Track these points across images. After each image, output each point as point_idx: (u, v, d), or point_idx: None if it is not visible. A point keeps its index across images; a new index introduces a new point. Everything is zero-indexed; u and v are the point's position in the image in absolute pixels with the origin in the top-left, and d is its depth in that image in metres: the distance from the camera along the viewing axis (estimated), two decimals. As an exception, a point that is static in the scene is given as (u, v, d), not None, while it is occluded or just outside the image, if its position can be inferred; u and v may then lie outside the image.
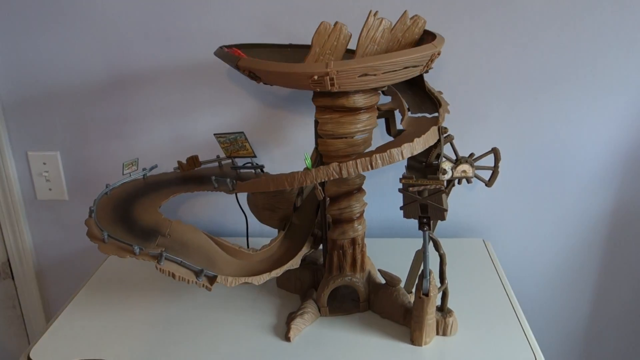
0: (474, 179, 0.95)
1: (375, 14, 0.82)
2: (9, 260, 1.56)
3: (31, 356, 1.02)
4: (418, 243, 1.03)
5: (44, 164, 1.46)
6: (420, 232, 0.96)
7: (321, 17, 1.26)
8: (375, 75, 0.83)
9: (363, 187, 1.05)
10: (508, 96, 1.31)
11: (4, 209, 1.49)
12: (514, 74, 1.29)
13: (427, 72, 0.95)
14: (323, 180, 0.90)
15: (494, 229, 1.45)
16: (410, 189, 0.92)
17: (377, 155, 0.86)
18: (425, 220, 0.94)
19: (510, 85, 1.30)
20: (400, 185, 0.94)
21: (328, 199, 1.04)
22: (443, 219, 0.93)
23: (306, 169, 0.92)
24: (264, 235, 1.32)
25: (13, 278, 1.58)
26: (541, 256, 1.47)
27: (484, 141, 1.35)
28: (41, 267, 1.59)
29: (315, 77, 0.82)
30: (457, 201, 1.40)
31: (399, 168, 0.90)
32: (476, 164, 0.94)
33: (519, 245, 1.46)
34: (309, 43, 1.16)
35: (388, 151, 0.86)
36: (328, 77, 0.82)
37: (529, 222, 1.44)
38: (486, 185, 0.96)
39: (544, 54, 1.26)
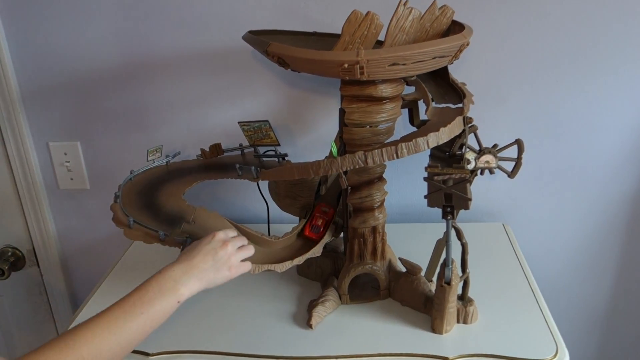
0: (496, 170, 0.95)
1: (405, 3, 0.82)
2: (34, 248, 1.58)
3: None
4: (436, 228, 1.03)
5: (65, 154, 1.47)
6: (439, 216, 0.97)
7: (345, 4, 1.25)
8: (404, 64, 0.83)
9: (383, 175, 1.05)
10: (528, 79, 1.30)
11: (28, 199, 1.51)
12: (534, 57, 1.27)
13: (451, 63, 0.95)
14: (348, 169, 0.91)
15: (514, 213, 1.44)
16: (435, 177, 0.92)
17: (403, 144, 0.86)
18: (449, 209, 0.95)
19: (531, 67, 1.28)
20: (424, 173, 0.94)
21: (349, 187, 1.05)
22: (467, 208, 0.93)
23: (331, 156, 0.93)
24: (284, 222, 1.33)
25: (38, 265, 1.60)
26: (561, 240, 1.47)
27: (504, 125, 1.35)
28: (65, 255, 1.61)
29: (346, 65, 0.82)
30: (478, 185, 1.39)
31: (420, 154, 0.90)
32: (499, 154, 0.94)
33: (539, 229, 1.45)
34: (333, 31, 1.17)
35: (414, 140, 0.86)
36: (358, 65, 0.82)
37: (549, 205, 1.43)
38: (509, 176, 0.95)
39: (564, 36, 1.25)
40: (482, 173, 0.95)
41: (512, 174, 0.95)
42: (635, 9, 1.21)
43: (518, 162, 0.95)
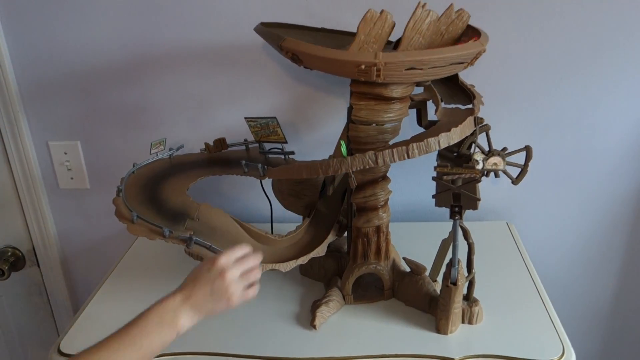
0: (500, 174, 0.94)
1: (423, 6, 0.82)
2: (34, 248, 1.56)
3: (61, 349, 1.02)
4: (441, 227, 1.03)
5: (65, 153, 1.46)
6: (444, 215, 0.96)
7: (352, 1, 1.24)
8: (421, 69, 0.83)
9: (387, 174, 1.05)
10: (532, 79, 1.30)
11: (27, 199, 1.50)
12: (539, 58, 1.27)
13: (465, 68, 0.94)
14: (358, 169, 0.90)
15: (518, 211, 1.44)
16: (445, 177, 0.92)
17: (414, 145, 0.86)
18: (456, 209, 0.95)
19: (535, 65, 1.28)
20: (430, 171, 0.94)
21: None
22: (476, 208, 0.93)
23: (339, 155, 0.92)
24: (287, 221, 1.31)
25: (39, 265, 1.59)
26: (565, 238, 1.46)
27: (508, 124, 1.34)
28: (66, 254, 1.59)
29: (363, 67, 0.82)
30: (481, 184, 1.36)
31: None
32: (507, 159, 0.94)
33: (543, 227, 1.45)
34: (338, 27, 1.16)
35: (425, 140, 0.86)
36: (375, 67, 0.82)
37: (553, 203, 1.43)
38: (513, 182, 0.94)
39: (568, 37, 1.25)
40: (487, 175, 0.95)
41: (516, 181, 0.95)
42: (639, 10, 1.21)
43: (524, 168, 0.95)
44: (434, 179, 0.94)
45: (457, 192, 0.93)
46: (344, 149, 0.93)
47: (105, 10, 1.30)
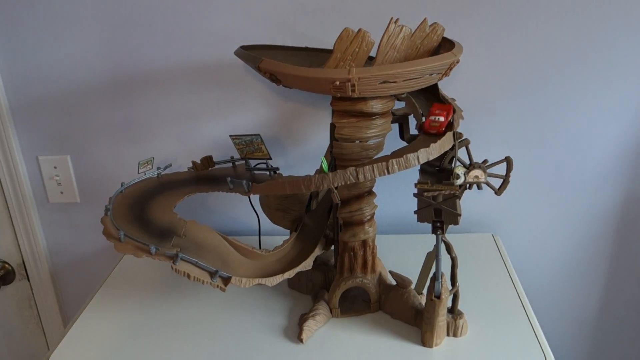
0: (483, 186, 0.95)
1: (396, 21, 0.83)
2: (23, 262, 1.56)
3: (51, 363, 1.02)
4: (427, 239, 1.03)
5: (55, 167, 1.46)
6: (429, 228, 0.97)
7: (335, 20, 1.26)
8: (395, 82, 0.84)
9: (373, 189, 1.06)
10: (516, 92, 1.30)
11: (17, 213, 1.50)
12: (522, 71, 1.28)
13: (441, 79, 0.96)
14: (339, 185, 0.91)
15: (504, 223, 1.44)
16: (425, 193, 0.93)
17: (394, 160, 0.87)
18: (438, 224, 0.95)
19: (519, 81, 1.29)
20: (415, 189, 0.94)
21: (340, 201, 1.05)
22: (456, 223, 0.93)
23: (322, 171, 0.93)
24: (275, 234, 1.32)
25: (28, 279, 1.59)
26: (551, 250, 1.47)
27: (493, 137, 1.35)
28: (55, 268, 1.60)
29: (337, 83, 0.83)
30: (467, 196, 1.39)
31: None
32: (488, 170, 0.94)
33: (528, 239, 1.46)
34: (324, 46, 1.18)
35: (405, 156, 0.86)
36: (350, 83, 0.83)
37: (539, 216, 1.43)
38: (495, 193, 0.95)
39: (551, 48, 1.26)
40: (470, 188, 0.96)
41: (499, 191, 0.96)
42: (620, 22, 1.22)
43: (506, 179, 0.95)
44: (415, 195, 0.94)
45: (438, 207, 0.94)
46: (325, 165, 0.94)
47: (94, 27, 1.31)
